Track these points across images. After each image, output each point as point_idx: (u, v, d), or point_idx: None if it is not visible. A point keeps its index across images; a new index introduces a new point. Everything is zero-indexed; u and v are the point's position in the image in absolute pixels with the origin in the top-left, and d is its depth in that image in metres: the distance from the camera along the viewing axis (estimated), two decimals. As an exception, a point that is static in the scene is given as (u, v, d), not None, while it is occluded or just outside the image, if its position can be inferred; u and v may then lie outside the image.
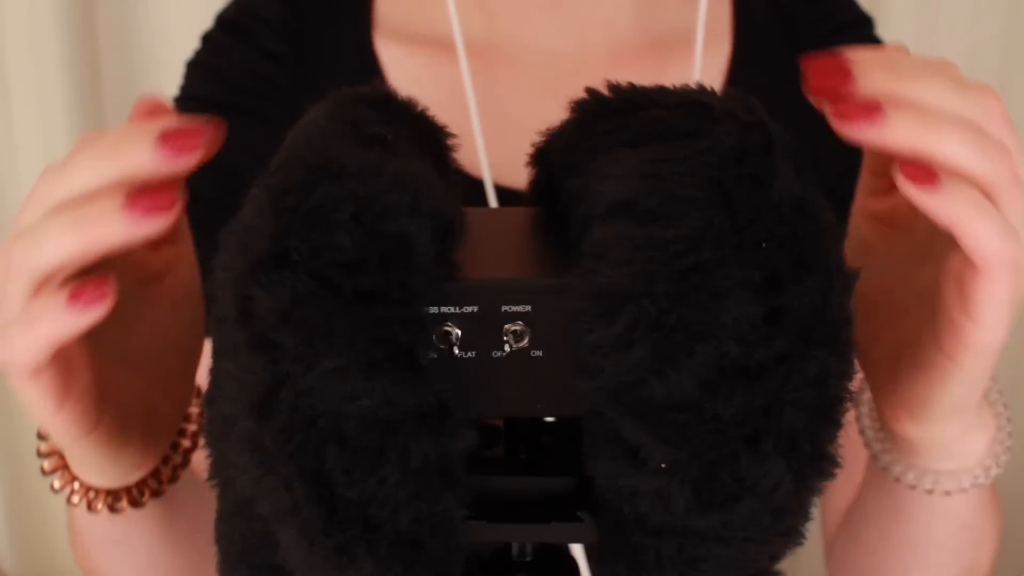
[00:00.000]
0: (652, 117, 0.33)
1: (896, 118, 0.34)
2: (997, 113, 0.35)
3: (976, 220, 0.34)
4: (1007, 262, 0.34)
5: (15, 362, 0.36)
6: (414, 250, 0.30)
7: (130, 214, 0.34)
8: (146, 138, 0.34)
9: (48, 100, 0.99)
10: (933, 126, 0.34)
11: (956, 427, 0.42)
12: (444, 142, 0.39)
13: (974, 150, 0.34)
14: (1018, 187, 0.35)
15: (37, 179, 0.37)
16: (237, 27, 0.69)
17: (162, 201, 0.34)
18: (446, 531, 0.32)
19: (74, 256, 0.34)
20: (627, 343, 0.30)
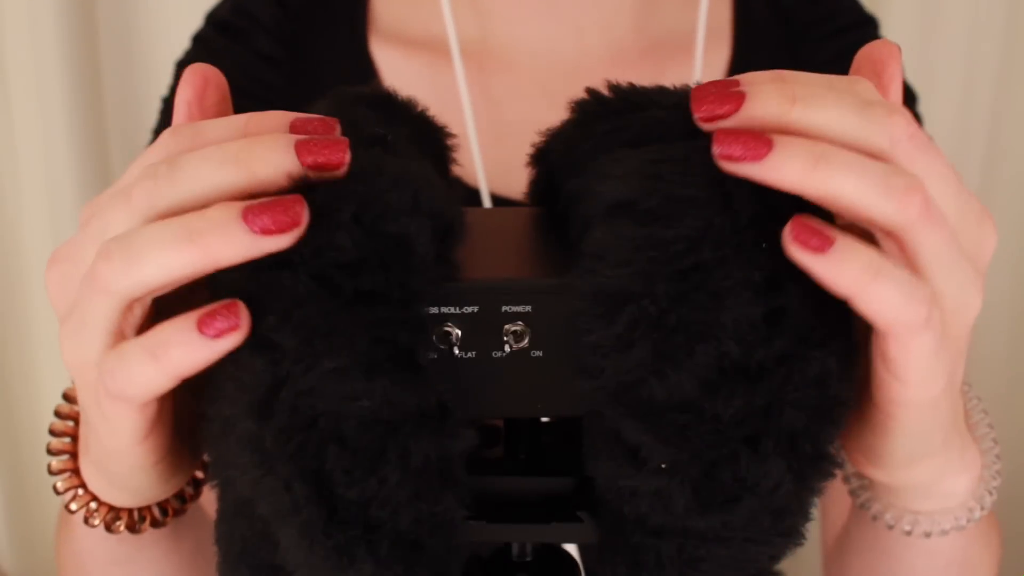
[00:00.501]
0: (652, 117, 0.33)
1: (783, 155, 0.30)
2: (906, 138, 0.31)
3: (871, 286, 0.30)
4: (915, 323, 0.30)
5: (130, 393, 0.32)
6: (414, 250, 0.30)
7: (253, 229, 0.30)
8: (281, 146, 0.30)
9: (48, 100, 0.99)
10: (825, 163, 0.30)
11: (926, 471, 0.38)
12: (444, 142, 0.39)
13: (874, 189, 0.30)
14: (931, 223, 0.30)
15: (130, 180, 0.32)
16: (231, 28, 0.68)
17: (291, 215, 0.30)
18: (446, 531, 0.32)
19: (182, 276, 0.31)
20: (627, 343, 0.30)
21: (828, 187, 0.30)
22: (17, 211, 1.06)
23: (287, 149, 0.30)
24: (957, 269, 0.31)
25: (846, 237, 0.30)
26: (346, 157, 0.30)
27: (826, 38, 0.69)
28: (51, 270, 0.34)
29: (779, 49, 0.68)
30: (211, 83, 0.35)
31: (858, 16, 0.71)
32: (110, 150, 1.05)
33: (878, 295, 0.30)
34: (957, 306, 0.32)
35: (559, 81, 0.66)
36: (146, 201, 0.31)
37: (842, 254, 0.30)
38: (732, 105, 0.31)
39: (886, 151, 0.31)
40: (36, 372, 1.11)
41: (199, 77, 0.35)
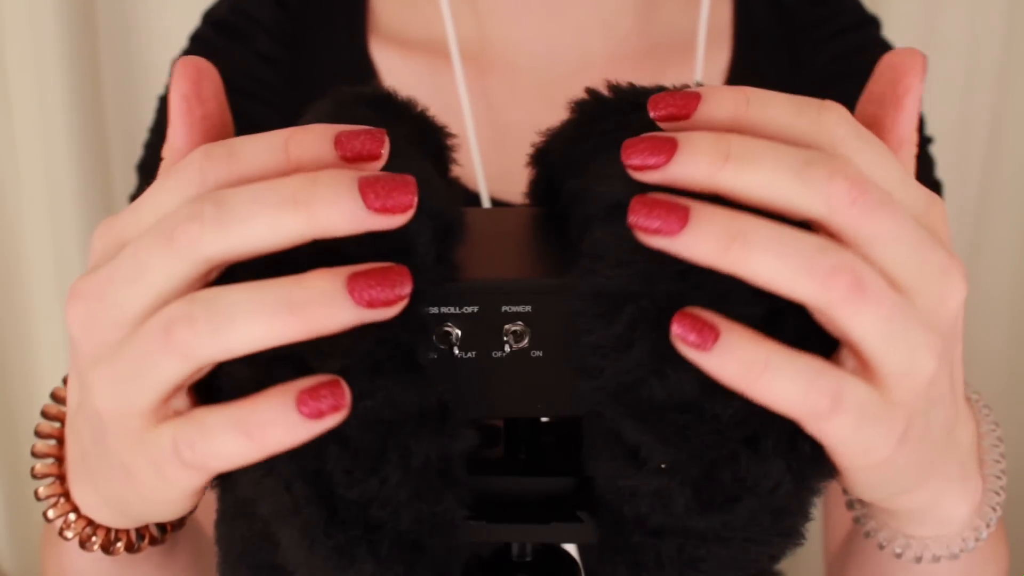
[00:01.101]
0: (652, 118, 0.33)
1: (697, 233, 0.28)
2: (847, 203, 0.28)
3: (759, 382, 0.28)
4: (818, 413, 0.29)
5: (212, 466, 0.29)
6: (414, 250, 0.30)
7: (359, 303, 0.28)
8: (344, 188, 0.28)
9: (48, 100, 0.99)
10: (741, 243, 0.28)
11: (915, 500, 0.36)
12: (444, 143, 0.39)
13: (794, 271, 0.28)
14: (860, 302, 0.28)
15: (172, 221, 0.29)
16: (230, 28, 0.68)
17: (398, 291, 0.28)
18: (446, 531, 0.32)
19: (272, 345, 0.28)
20: (627, 343, 0.30)
21: (743, 268, 0.28)
22: (17, 211, 1.06)
23: (351, 191, 0.28)
24: (900, 339, 0.29)
25: (732, 330, 0.28)
26: (414, 200, 0.28)
27: (827, 39, 0.69)
28: (75, 307, 0.31)
29: (780, 50, 0.68)
30: (205, 75, 0.33)
31: (859, 16, 0.71)
32: (110, 150, 1.05)
33: (769, 390, 0.29)
34: (903, 372, 0.30)
35: (559, 83, 0.65)
36: (194, 248, 0.28)
37: (723, 351, 0.28)
38: (663, 157, 0.29)
39: (824, 217, 0.29)
40: (36, 372, 1.11)
41: (193, 69, 0.33)
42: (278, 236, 0.28)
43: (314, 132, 0.29)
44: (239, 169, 0.29)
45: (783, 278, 0.28)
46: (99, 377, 0.30)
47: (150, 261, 0.29)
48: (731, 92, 0.30)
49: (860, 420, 0.30)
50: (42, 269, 1.06)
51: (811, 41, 0.68)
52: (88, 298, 0.30)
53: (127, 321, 0.30)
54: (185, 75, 0.33)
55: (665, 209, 0.28)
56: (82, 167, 1.01)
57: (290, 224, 0.28)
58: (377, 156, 0.29)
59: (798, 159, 0.29)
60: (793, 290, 0.28)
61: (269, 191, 0.28)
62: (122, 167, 1.05)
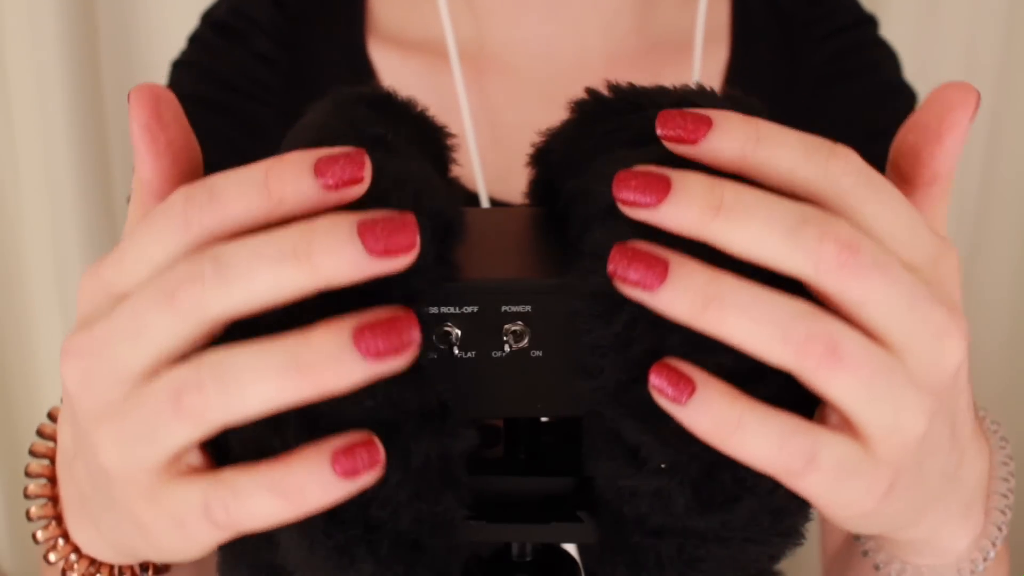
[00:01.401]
0: (652, 117, 0.33)
1: (674, 291, 0.28)
2: (836, 266, 0.28)
3: (731, 440, 0.29)
4: (791, 471, 0.29)
5: (245, 526, 0.29)
6: (414, 250, 0.30)
7: (367, 357, 0.27)
8: (344, 236, 0.27)
9: (48, 100, 0.99)
10: (718, 306, 0.28)
11: (912, 533, 0.36)
12: (444, 142, 0.39)
13: (768, 338, 0.28)
14: (837, 369, 0.28)
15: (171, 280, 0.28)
16: (228, 29, 0.67)
17: (406, 338, 0.27)
18: (446, 531, 0.32)
19: (283, 407, 0.28)
20: (626, 342, 0.30)
21: (718, 330, 0.28)
22: (17, 211, 1.06)
23: (351, 237, 0.27)
24: (883, 400, 0.29)
25: (708, 386, 0.28)
26: (415, 240, 0.27)
27: (825, 37, 0.69)
28: (71, 364, 0.30)
29: (777, 49, 0.68)
30: (163, 101, 0.32)
31: (857, 15, 0.71)
32: (110, 150, 1.05)
33: (741, 448, 0.29)
34: (888, 431, 0.29)
35: (557, 83, 0.65)
36: (197, 309, 0.28)
37: (698, 406, 0.28)
38: (654, 198, 0.28)
39: (810, 278, 0.28)
40: (36, 372, 1.11)
41: (149, 96, 0.32)
42: (282, 291, 0.27)
43: (292, 163, 0.28)
44: (223, 212, 0.28)
45: (757, 343, 0.28)
46: (104, 436, 0.30)
47: (151, 320, 0.28)
48: (742, 125, 0.29)
49: (837, 478, 0.29)
50: (42, 269, 1.06)
51: (808, 40, 0.68)
52: (85, 355, 0.30)
53: (129, 378, 0.29)
54: (142, 104, 0.31)
55: (645, 263, 0.28)
56: (82, 167, 1.01)
57: (293, 278, 0.27)
58: (359, 179, 0.28)
59: (791, 217, 0.28)
60: (767, 355, 0.28)
61: (267, 245, 0.27)
62: (122, 167, 1.05)
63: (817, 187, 0.29)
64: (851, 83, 0.68)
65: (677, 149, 0.29)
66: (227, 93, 0.66)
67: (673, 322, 0.29)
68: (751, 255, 0.28)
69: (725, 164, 0.29)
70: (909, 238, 0.30)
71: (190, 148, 0.33)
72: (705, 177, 0.28)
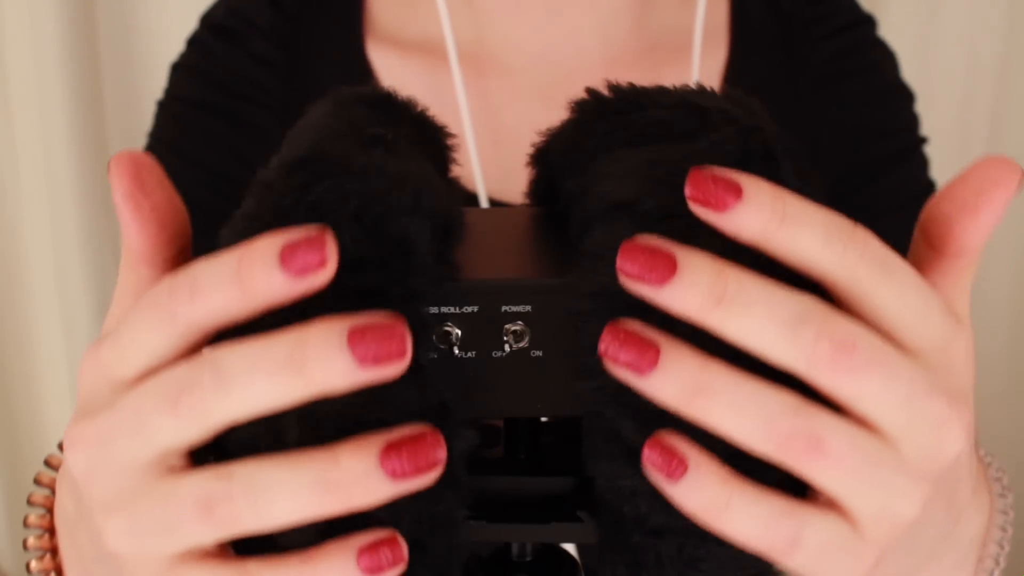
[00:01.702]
0: (652, 117, 0.33)
1: (662, 379, 0.28)
2: (829, 365, 0.28)
3: (719, 519, 0.29)
4: (776, 550, 0.29)
5: None
6: (414, 250, 0.30)
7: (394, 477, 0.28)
8: (335, 347, 0.27)
9: (48, 100, 0.99)
10: (705, 397, 0.28)
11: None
12: (444, 142, 0.39)
13: (752, 432, 0.28)
14: (821, 463, 0.29)
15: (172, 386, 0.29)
16: (227, 31, 0.67)
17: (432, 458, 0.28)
18: (447, 531, 0.32)
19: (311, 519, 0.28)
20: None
21: (704, 419, 0.29)
22: (17, 211, 1.06)
23: (341, 349, 0.27)
24: (871, 489, 0.29)
25: (700, 467, 0.29)
26: (406, 348, 0.28)
27: (824, 38, 0.69)
28: (77, 453, 0.30)
29: (776, 49, 0.68)
30: (144, 167, 0.32)
31: (856, 15, 0.71)
32: (110, 150, 1.05)
33: (727, 527, 0.29)
34: (876, 517, 0.30)
35: (556, 84, 0.66)
36: (198, 415, 0.28)
37: (688, 486, 0.29)
38: (659, 277, 0.28)
39: (802, 374, 0.29)
40: (36, 372, 1.11)
41: (129, 164, 0.32)
42: (280, 399, 0.28)
43: (260, 254, 0.28)
44: (206, 306, 0.29)
45: (741, 435, 0.29)
46: (114, 524, 0.30)
47: (154, 422, 0.29)
48: (770, 202, 0.29)
49: (822, 556, 0.30)
50: (42, 269, 1.06)
51: (808, 40, 0.68)
52: (91, 445, 0.30)
53: (136, 469, 0.30)
54: (123, 172, 0.32)
55: (637, 348, 0.29)
56: (82, 167, 1.01)
57: (289, 387, 0.28)
58: (323, 265, 0.28)
59: (790, 314, 0.28)
60: (750, 447, 0.29)
61: (263, 354, 0.28)
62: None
63: (831, 274, 0.29)
64: (850, 84, 0.68)
65: (700, 213, 0.29)
66: (226, 97, 0.66)
67: (678, 319, 0.29)
68: (745, 345, 0.29)
69: (744, 239, 0.29)
70: (919, 323, 0.30)
71: (175, 211, 0.33)
72: (711, 263, 0.28)
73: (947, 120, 1.08)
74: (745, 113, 0.32)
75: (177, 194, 0.33)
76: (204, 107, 0.66)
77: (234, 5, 0.68)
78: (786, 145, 0.31)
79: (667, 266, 0.28)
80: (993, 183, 0.31)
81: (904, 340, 0.30)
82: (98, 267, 1.04)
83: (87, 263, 1.03)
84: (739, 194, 0.28)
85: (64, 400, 1.11)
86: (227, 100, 0.66)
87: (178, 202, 0.33)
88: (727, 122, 0.31)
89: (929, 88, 1.05)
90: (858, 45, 0.69)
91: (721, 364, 0.29)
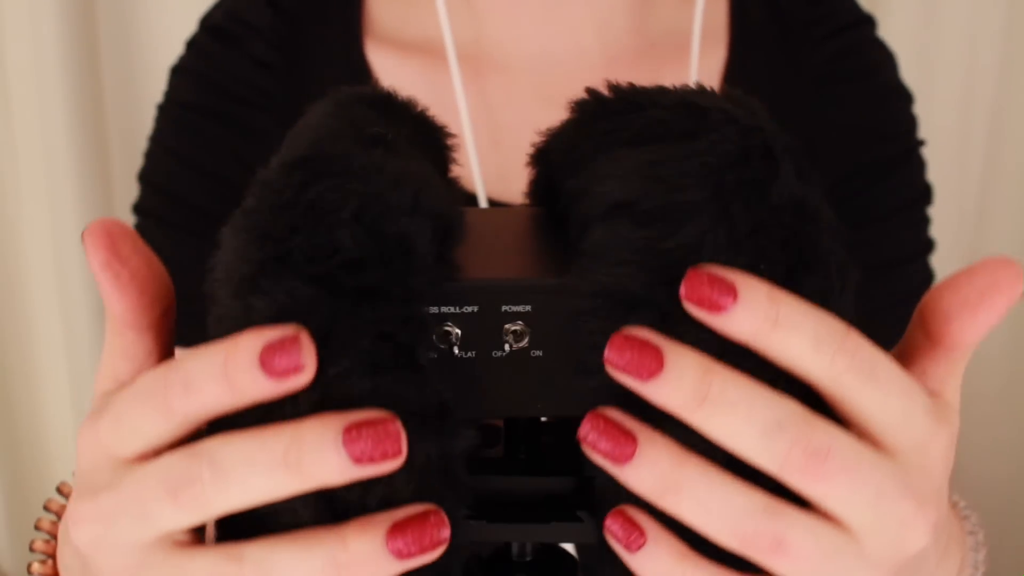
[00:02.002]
0: (652, 117, 0.33)
1: (637, 472, 0.30)
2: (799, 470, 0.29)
3: None
4: None
5: None
6: (414, 250, 0.30)
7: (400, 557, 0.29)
8: (330, 445, 0.28)
9: (48, 100, 0.99)
10: (675, 493, 0.29)
11: None
12: (443, 142, 0.39)
13: (718, 530, 0.30)
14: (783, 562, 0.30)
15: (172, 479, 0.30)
16: (226, 34, 0.67)
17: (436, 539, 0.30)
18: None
19: None
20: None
21: (675, 512, 0.30)
22: (17, 211, 1.06)
23: (335, 447, 0.28)
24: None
25: (658, 540, 0.30)
26: (401, 447, 0.29)
27: (824, 38, 0.69)
28: (82, 531, 0.31)
29: (776, 49, 0.68)
30: (117, 236, 0.32)
31: (855, 15, 0.71)
32: (110, 150, 1.05)
33: None
34: None
35: (555, 84, 0.65)
36: (198, 507, 0.29)
37: (648, 554, 0.30)
38: (646, 373, 0.29)
39: (773, 475, 0.30)
40: (36, 372, 1.11)
41: (103, 235, 0.32)
42: (277, 492, 0.29)
43: (243, 355, 0.29)
44: (198, 401, 0.29)
45: (708, 529, 0.30)
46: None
47: (155, 508, 0.30)
48: (764, 306, 0.29)
49: None
50: (42, 269, 1.06)
51: (807, 40, 0.68)
52: (95, 524, 0.31)
53: (142, 547, 0.31)
54: (97, 243, 0.32)
55: (616, 439, 0.30)
56: (82, 167, 1.01)
57: (285, 482, 0.29)
58: (299, 370, 0.28)
59: (768, 419, 0.29)
60: (717, 541, 0.30)
61: (259, 450, 0.29)
62: (122, 167, 1.05)
63: (818, 379, 0.30)
64: (849, 86, 0.68)
65: (694, 312, 0.29)
66: (224, 100, 0.66)
67: None
68: (722, 444, 0.30)
69: (736, 340, 0.30)
70: (899, 425, 0.30)
71: (154, 274, 0.33)
72: (698, 362, 0.29)
73: (947, 120, 1.08)
74: (745, 113, 0.32)
75: (155, 256, 0.33)
76: (203, 111, 0.66)
77: (232, 7, 0.68)
78: (786, 145, 0.31)
79: (654, 362, 0.29)
80: (997, 287, 0.31)
81: (883, 441, 0.31)
82: (98, 267, 1.04)
83: (87, 263, 1.03)
84: (734, 296, 0.29)
85: (64, 400, 1.11)
86: (226, 104, 0.66)
87: (156, 264, 0.33)
88: (727, 122, 0.31)
89: (929, 88, 1.05)
90: (858, 46, 0.69)
91: (694, 460, 0.30)
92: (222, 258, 0.31)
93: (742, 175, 0.30)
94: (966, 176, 1.11)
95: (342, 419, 0.28)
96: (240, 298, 0.30)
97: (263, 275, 0.29)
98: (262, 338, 0.28)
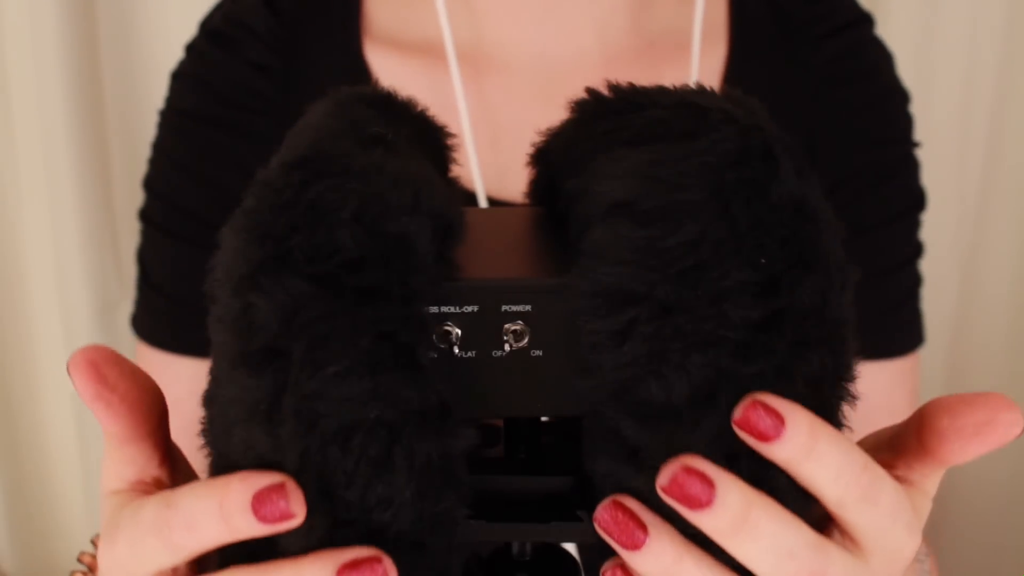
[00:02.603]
0: (652, 117, 0.33)
1: (643, 561, 0.31)
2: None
3: None
4: None
5: None
6: (414, 250, 0.30)
7: None
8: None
9: (48, 100, 0.99)
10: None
11: None
12: (444, 142, 0.39)
13: None
14: None
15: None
16: (224, 38, 0.67)
17: None
18: (447, 531, 0.32)
19: None
20: (625, 341, 0.30)
21: None
22: (17, 211, 1.06)
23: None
24: None
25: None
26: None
27: (823, 37, 0.69)
28: None
29: (776, 48, 0.68)
30: (101, 363, 0.33)
31: (855, 14, 0.71)
32: (110, 151, 1.05)
33: None
34: None
35: (554, 83, 0.65)
36: None
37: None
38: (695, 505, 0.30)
39: None
40: (36, 373, 1.11)
41: (87, 365, 0.33)
42: None
43: (236, 496, 0.30)
44: (200, 538, 0.31)
45: None
46: None
47: None
48: (806, 438, 0.30)
49: None
50: (42, 269, 1.06)
51: (807, 39, 0.68)
52: None
53: None
54: (83, 376, 0.33)
55: (627, 530, 0.31)
56: (82, 167, 1.01)
57: None
58: (289, 517, 0.30)
59: (785, 548, 0.31)
60: None
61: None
62: (122, 168, 1.05)
63: (827, 499, 0.32)
64: (850, 87, 0.68)
65: (743, 436, 0.30)
66: (224, 106, 0.66)
67: None
68: (739, 560, 0.31)
69: (774, 460, 0.31)
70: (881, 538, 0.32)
71: (144, 391, 0.34)
72: (742, 495, 0.30)
73: (947, 120, 1.08)
74: (745, 112, 0.32)
75: (142, 372, 0.34)
76: (202, 118, 0.66)
77: (230, 10, 0.68)
78: (786, 144, 0.31)
79: (706, 495, 0.30)
80: (993, 427, 0.32)
81: (863, 546, 0.33)
82: (98, 267, 1.04)
83: (87, 263, 1.03)
84: (782, 425, 0.30)
85: (64, 400, 1.11)
86: (225, 110, 0.66)
87: (144, 378, 0.34)
88: (727, 121, 0.31)
89: (928, 88, 1.05)
90: (858, 46, 0.69)
91: (695, 555, 0.31)
92: (222, 258, 0.31)
93: (742, 174, 0.30)
94: (966, 176, 1.11)
95: (337, 558, 0.30)
96: (240, 297, 0.30)
97: (263, 274, 0.29)
98: (250, 486, 0.30)
